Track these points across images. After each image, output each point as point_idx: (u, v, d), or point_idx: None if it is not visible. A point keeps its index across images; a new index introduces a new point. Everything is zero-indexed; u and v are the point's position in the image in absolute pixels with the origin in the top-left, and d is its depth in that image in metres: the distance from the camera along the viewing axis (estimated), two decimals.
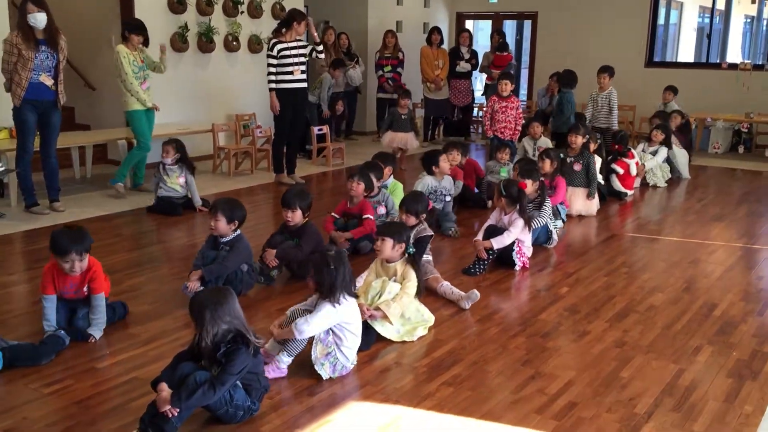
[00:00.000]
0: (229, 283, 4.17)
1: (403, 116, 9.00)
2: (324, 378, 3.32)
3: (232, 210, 4.31)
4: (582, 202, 6.72)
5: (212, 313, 2.80)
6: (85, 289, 3.79)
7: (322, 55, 7.88)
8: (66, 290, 3.77)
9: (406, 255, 3.97)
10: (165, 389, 2.75)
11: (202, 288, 4.11)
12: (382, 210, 5.51)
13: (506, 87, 8.16)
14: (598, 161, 7.11)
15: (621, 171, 7.49)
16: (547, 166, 6.19)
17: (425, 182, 6.13)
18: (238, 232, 4.36)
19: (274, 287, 4.60)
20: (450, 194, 6.20)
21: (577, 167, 6.76)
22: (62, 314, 3.77)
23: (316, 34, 7.79)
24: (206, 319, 2.80)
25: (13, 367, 3.37)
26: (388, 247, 3.92)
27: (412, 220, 4.63)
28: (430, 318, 4.00)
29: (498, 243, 4.93)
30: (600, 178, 7.05)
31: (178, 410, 2.73)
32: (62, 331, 3.64)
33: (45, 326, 3.69)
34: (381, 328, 3.77)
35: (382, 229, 4.02)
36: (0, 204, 6.58)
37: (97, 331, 3.74)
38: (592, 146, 7.12)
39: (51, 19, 5.94)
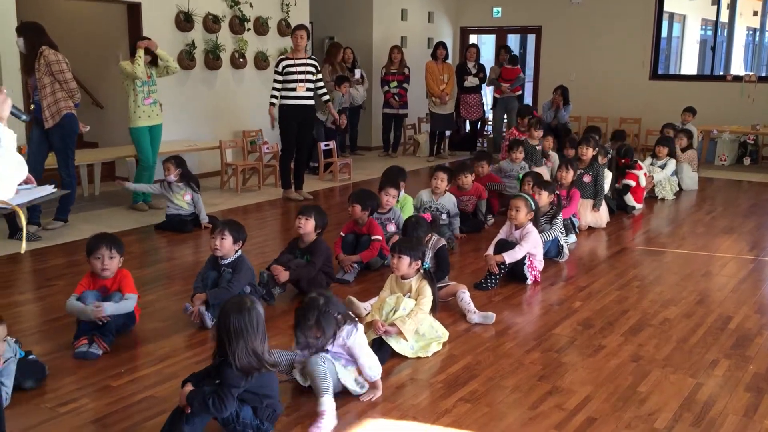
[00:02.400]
0: None
1: (537, 147, 8.42)
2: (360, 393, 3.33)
3: (238, 230, 4.27)
4: (591, 214, 6.73)
5: (221, 317, 2.82)
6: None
7: (326, 97, 8.00)
8: (97, 291, 3.94)
9: (422, 271, 3.96)
10: (189, 386, 2.81)
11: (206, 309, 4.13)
12: (392, 228, 5.48)
13: (524, 121, 8.55)
14: (608, 175, 7.11)
15: (633, 184, 7.49)
16: (570, 176, 6.20)
17: (420, 197, 6.13)
18: (240, 252, 4.32)
19: (274, 307, 4.55)
20: (447, 212, 6.08)
21: (586, 179, 6.79)
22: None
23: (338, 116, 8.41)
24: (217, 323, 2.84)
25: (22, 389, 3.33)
26: (405, 264, 3.91)
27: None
28: (444, 334, 3.98)
29: (510, 257, 4.92)
30: (607, 189, 7.05)
31: (190, 409, 2.76)
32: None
33: (70, 306, 3.86)
34: (396, 344, 3.75)
35: (398, 245, 3.99)
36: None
37: (109, 307, 3.79)
38: (602, 160, 7.12)
39: (31, 42, 5.93)
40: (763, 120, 10.59)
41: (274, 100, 7.63)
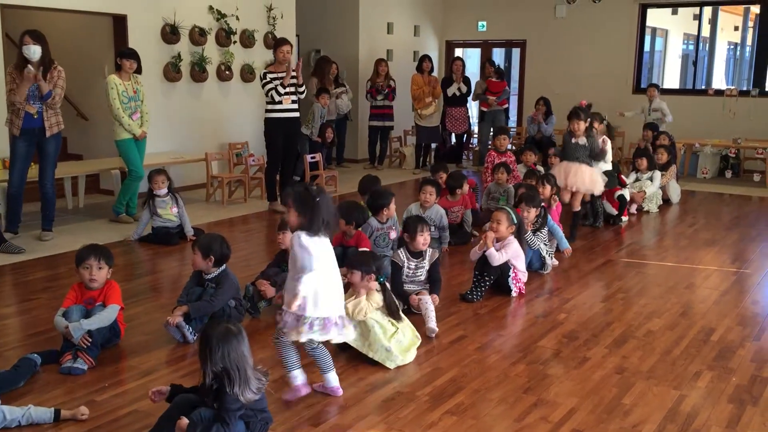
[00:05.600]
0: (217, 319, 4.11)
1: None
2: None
3: (209, 245, 4.21)
4: (588, 178, 6.63)
5: (215, 350, 2.76)
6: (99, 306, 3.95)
7: (303, 95, 7.95)
8: (82, 304, 3.94)
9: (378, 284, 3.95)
10: (184, 419, 2.77)
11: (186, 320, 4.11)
12: (394, 235, 5.51)
13: (504, 142, 8.36)
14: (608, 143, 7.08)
15: (627, 196, 7.56)
16: (548, 191, 6.24)
17: (409, 209, 6.15)
18: (224, 267, 4.28)
19: (260, 320, 4.54)
20: (435, 225, 6.04)
21: (581, 141, 6.61)
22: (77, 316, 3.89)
23: (300, 76, 7.82)
24: (208, 356, 2.77)
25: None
26: (357, 278, 3.90)
27: (428, 237, 4.69)
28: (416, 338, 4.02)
29: (490, 258, 4.93)
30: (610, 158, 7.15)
31: None
32: (35, 354, 3.70)
33: (56, 322, 3.86)
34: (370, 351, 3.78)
35: (351, 260, 4.00)
36: None
37: (86, 326, 3.77)
38: (599, 126, 7.05)
39: (46, 52, 5.99)
40: (744, 134, 10.72)
41: (280, 89, 7.63)
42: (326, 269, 3.26)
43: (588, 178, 6.65)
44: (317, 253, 3.20)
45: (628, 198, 7.60)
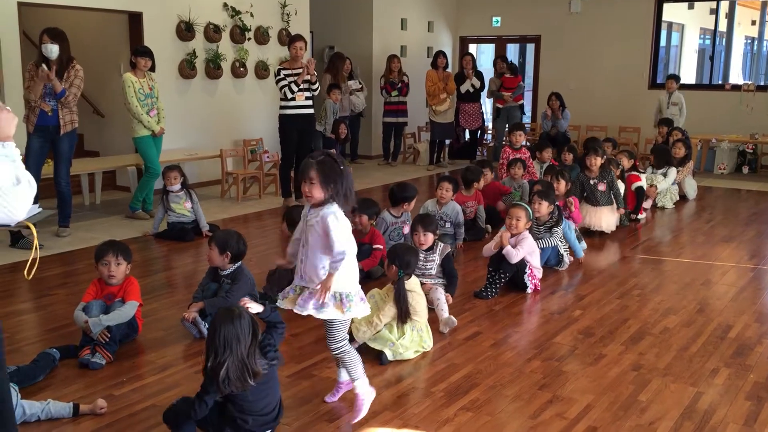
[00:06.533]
0: None
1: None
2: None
3: (225, 241, 4.21)
4: (607, 219, 6.77)
5: (212, 330, 2.81)
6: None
7: (317, 92, 7.98)
8: (102, 299, 3.99)
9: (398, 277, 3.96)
10: None
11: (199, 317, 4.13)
12: (407, 229, 5.55)
13: (519, 138, 8.30)
14: (621, 186, 7.16)
15: (645, 185, 7.55)
16: (562, 187, 6.21)
17: (425, 206, 6.16)
18: (239, 263, 4.29)
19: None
20: (451, 222, 6.06)
21: (601, 187, 6.79)
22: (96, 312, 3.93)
23: (314, 73, 7.87)
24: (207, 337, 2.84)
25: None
26: (386, 265, 4.05)
27: (430, 238, 4.70)
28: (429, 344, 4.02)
29: (507, 256, 4.93)
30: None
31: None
32: (54, 349, 3.75)
33: (76, 317, 3.89)
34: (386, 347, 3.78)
35: (391, 248, 4.10)
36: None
37: (105, 322, 3.81)
38: (615, 171, 7.15)
39: (64, 51, 6.04)
40: (761, 129, 10.63)
41: (293, 87, 7.68)
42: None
43: (605, 219, 6.78)
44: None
45: (645, 187, 7.56)
